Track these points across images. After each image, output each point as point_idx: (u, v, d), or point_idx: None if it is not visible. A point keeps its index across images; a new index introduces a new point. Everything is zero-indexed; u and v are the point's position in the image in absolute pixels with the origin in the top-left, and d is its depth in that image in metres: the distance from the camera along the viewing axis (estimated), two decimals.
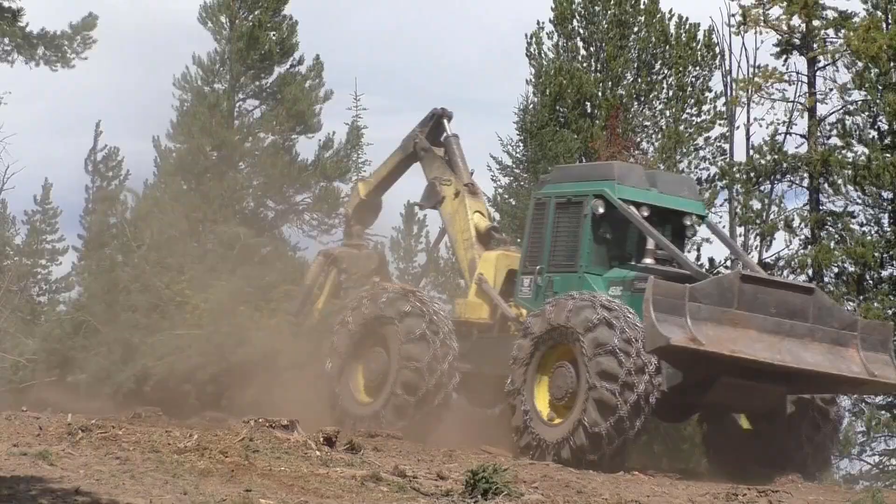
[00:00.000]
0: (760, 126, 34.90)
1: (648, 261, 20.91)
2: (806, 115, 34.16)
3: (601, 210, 21.07)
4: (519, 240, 24.05)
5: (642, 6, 36.29)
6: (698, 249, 32.82)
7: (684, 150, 35.57)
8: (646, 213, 21.06)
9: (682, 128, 35.69)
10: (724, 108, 36.09)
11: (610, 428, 19.02)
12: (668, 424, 24.63)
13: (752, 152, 34.75)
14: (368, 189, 26.19)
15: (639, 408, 19.09)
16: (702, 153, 35.98)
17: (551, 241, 21.69)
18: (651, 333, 18.57)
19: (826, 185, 33.49)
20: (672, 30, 36.01)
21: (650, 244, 20.97)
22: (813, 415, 21.08)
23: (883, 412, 31.94)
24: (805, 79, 34.20)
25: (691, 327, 18.51)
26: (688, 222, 22.07)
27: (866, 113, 33.01)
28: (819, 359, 19.46)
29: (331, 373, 22.98)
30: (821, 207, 33.77)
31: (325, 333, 24.04)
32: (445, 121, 25.19)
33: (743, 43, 35.47)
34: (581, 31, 36.49)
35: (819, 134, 33.89)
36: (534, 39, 36.51)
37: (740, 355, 18.80)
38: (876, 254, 31.92)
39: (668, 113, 36.06)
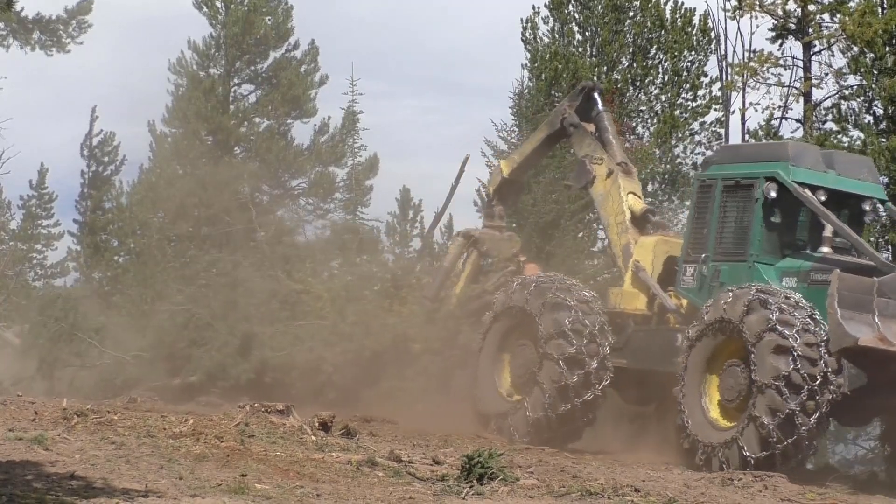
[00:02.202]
0: (756, 111, 35.01)
1: (826, 250, 19.44)
2: (801, 99, 34.13)
3: (774, 194, 19.41)
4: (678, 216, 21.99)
5: None
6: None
7: (680, 135, 35.53)
8: (822, 198, 19.41)
9: (677, 112, 35.65)
10: (719, 93, 36.06)
11: (785, 436, 17.66)
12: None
13: (747, 137, 34.73)
14: (512, 167, 24.51)
15: (818, 414, 17.70)
16: (697, 138, 35.95)
17: (717, 227, 20.07)
18: (837, 333, 17.32)
19: None
20: (667, 14, 35.96)
21: (827, 231, 19.43)
22: None
23: None
24: (800, 63, 34.14)
25: (880, 325, 17.33)
26: (867, 207, 20.21)
27: (862, 98, 32.96)
28: None
29: (473, 366, 21.79)
30: None
31: (463, 319, 23.02)
32: (597, 94, 23.72)
33: (738, 27, 35.42)
34: (576, 15, 36.44)
35: (814, 118, 33.85)
36: (529, 24, 36.47)
37: None
38: (871, 238, 31.92)
39: (663, 98, 36.02)
